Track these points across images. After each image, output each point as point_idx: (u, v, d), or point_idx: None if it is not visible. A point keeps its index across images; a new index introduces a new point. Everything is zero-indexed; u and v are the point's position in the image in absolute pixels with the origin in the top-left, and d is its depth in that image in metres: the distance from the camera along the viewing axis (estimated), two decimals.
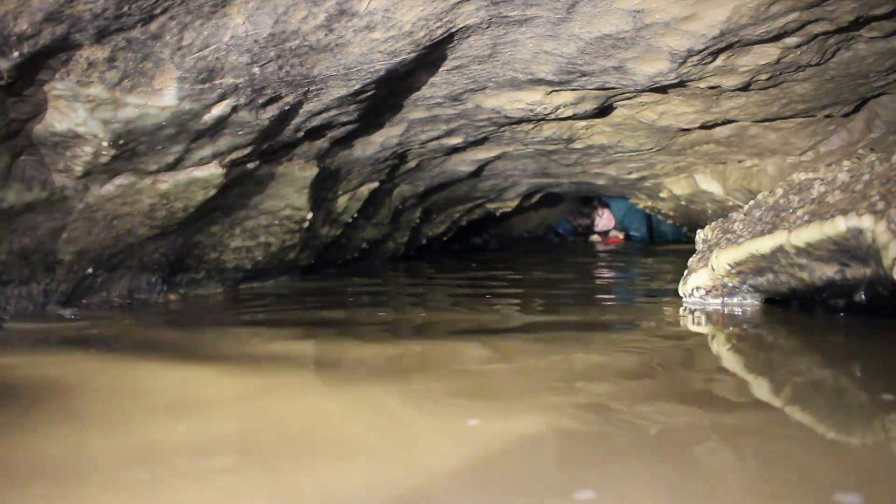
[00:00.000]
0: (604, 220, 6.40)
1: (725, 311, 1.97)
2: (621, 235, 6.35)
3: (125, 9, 1.36)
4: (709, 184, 3.62)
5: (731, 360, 1.47)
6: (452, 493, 0.79)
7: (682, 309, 2.05)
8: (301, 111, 2.01)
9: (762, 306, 1.99)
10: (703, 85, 2.19)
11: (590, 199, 6.44)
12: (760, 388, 1.23)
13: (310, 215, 2.67)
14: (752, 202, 2.06)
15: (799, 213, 1.70)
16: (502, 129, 2.79)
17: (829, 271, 1.65)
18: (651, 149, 3.18)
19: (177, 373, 1.37)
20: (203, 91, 1.67)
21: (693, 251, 2.22)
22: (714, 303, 2.02)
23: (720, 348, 1.58)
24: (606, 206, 6.42)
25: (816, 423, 1.01)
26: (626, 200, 6.21)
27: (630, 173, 3.87)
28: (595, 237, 6.41)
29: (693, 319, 1.90)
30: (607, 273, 3.63)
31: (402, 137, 2.66)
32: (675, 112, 2.61)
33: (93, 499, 0.80)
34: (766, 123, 2.79)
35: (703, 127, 2.80)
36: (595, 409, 1.10)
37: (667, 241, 6.11)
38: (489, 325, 1.93)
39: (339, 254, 3.61)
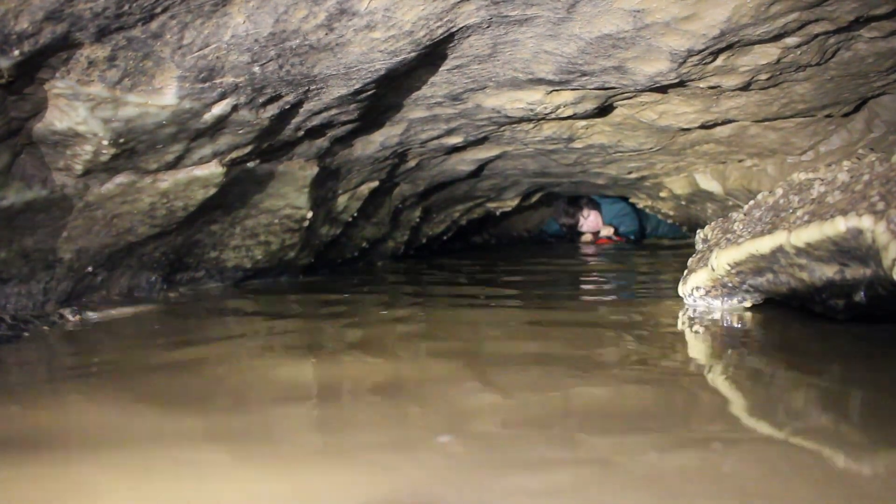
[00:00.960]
0: (589, 221, 6.18)
1: (725, 311, 1.97)
2: (613, 235, 6.12)
3: (126, 8, 1.36)
4: (709, 183, 3.62)
5: (731, 363, 1.47)
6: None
7: (681, 309, 2.05)
8: (301, 110, 2.01)
9: (762, 306, 1.99)
10: (703, 85, 2.19)
11: (577, 199, 6.23)
12: (764, 394, 1.23)
13: (310, 214, 2.67)
14: (751, 202, 2.06)
15: (799, 213, 1.70)
16: (502, 128, 2.79)
17: (828, 272, 1.65)
18: (651, 148, 3.18)
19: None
20: (203, 90, 1.66)
21: (684, 250, 2.22)
22: (714, 303, 2.02)
23: (720, 351, 1.58)
24: (595, 207, 6.20)
25: (824, 431, 1.01)
26: (619, 202, 6.08)
27: (630, 173, 3.87)
28: (587, 237, 6.18)
29: (693, 320, 1.90)
30: (606, 272, 3.62)
31: (402, 137, 2.66)
32: (675, 112, 2.61)
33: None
34: (766, 123, 2.79)
35: (703, 127, 2.80)
36: (591, 417, 1.09)
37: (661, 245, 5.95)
38: (485, 329, 1.92)
39: (339, 253, 3.60)
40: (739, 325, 1.82)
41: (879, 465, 0.88)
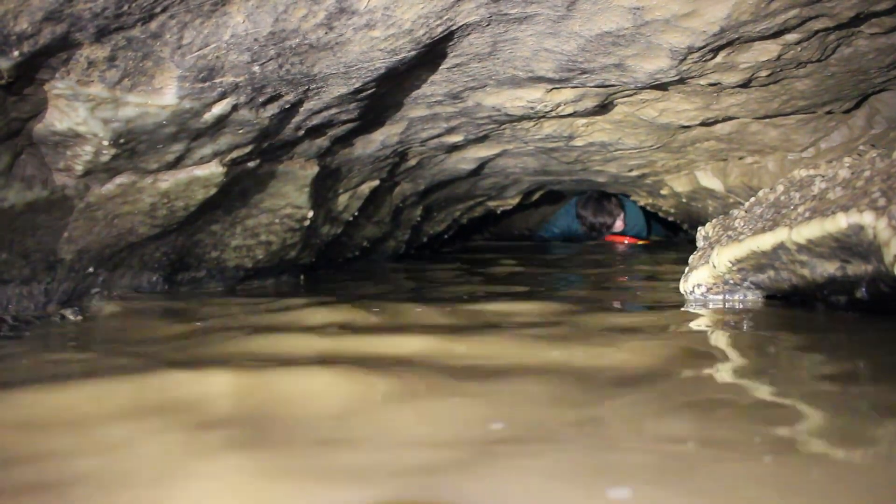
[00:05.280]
0: (621, 219, 5.94)
1: (727, 308, 1.97)
2: (631, 238, 5.74)
3: (125, 8, 1.36)
4: (710, 181, 3.62)
5: (732, 360, 1.47)
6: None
7: (683, 306, 2.05)
8: (301, 110, 2.01)
9: (763, 303, 1.99)
10: (703, 82, 2.19)
11: (605, 196, 5.77)
12: (764, 392, 1.23)
13: (310, 214, 2.67)
14: (752, 199, 2.05)
15: (800, 209, 1.70)
16: (503, 126, 2.79)
17: (830, 268, 1.64)
18: (652, 146, 3.18)
19: None
20: (203, 90, 1.66)
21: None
22: (715, 300, 2.02)
23: (722, 347, 1.58)
24: (622, 206, 5.83)
25: (826, 426, 1.01)
26: (628, 200, 5.93)
27: (631, 171, 3.87)
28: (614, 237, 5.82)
29: (694, 317, 1.90)
30: (605, 270, 3.62)
31: (402, 135, 2.66)
32: (676, 109, 2.61)
33: None
34: (766, 120, 2.79)
35: (703, 124, 2.79)
36: (591, 417, 1.09)
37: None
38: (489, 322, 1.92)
39: (340, 252, 3.61)
40: (740, 322, 1.82)
41: (880, 448, 0.88)
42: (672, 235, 6.41)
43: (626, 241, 5.80)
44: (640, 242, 5.76)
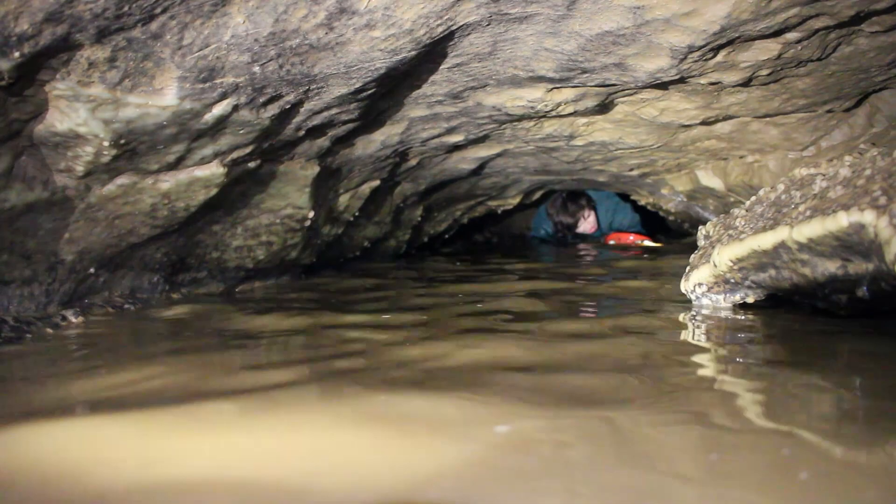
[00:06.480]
0: (588, 222, 5.68)
1: (728, 307, 1.97)
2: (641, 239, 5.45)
3: (125, 8, 1.36)
4: (710, 180, 3.62)
5: (733, 357, 1.47)
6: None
7: (683, 305, 2.05)
8: (302, 110, 2.01)
9: (764, 302, 1.99)
10: (703, 81, 2.19)
11: (576, 195, 5.62)
12: (763, 389, 1.22)
13: (311, 214, 2.67)
14: (753, 198, 2.05)
15: (801, 208, 1.70)
16: (503, 126, 2.79)
17: (831, 267, 1.64)
18: (652, 145, 3.17)
19: None
20: (204, 90, 1.67)
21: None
22: (716, 298, 2.02)
23: (723, 346, 1.58)
24: (594, 207, 5.65)
25: (827, 426, 1.01)
26: (612, 196, 5.73)
27: (631, 170, 3.87)
28: (619, 239, 5.56)
29: (695, 316, 1.90)
30: (606, 269, 3.62)
31: (403, 135, 2.66)
32: (676, 108, 2.61)
33: None
34: (767, 119, 2.79)
35: (704, 123, 2.79)
36: (587, 417, 1.09)
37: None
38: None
39: (341, 252, 3.61)
40: (742, 321, 1.82)
41: (880, 456, 0.87)
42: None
43: (620, 241, 5.52)
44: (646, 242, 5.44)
